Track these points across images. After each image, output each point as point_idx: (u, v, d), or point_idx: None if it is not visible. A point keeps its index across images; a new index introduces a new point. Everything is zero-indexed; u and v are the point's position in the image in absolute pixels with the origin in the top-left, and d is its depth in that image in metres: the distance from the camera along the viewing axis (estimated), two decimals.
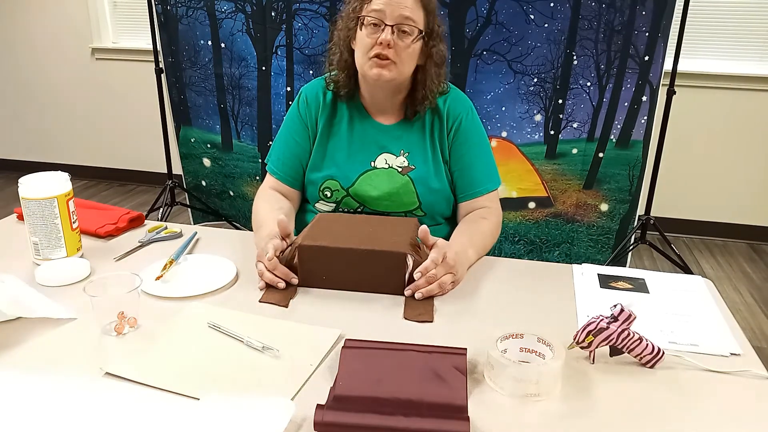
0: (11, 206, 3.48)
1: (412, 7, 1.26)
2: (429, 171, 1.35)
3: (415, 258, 1.08)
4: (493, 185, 1.39)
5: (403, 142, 1.37)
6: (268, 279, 1.11)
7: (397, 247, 1.09)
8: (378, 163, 1.36)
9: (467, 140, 1.37)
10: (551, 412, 0.79)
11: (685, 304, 1.08)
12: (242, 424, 0.72)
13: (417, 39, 1.27)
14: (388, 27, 1.24)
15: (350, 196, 1.36)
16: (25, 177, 1.17)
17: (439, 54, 1.32)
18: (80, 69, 3.90)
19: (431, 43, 1.31)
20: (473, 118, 1.39)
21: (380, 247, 1.08)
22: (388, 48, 1.24)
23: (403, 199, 1.35)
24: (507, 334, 0.89)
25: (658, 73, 2.32)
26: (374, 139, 1.37)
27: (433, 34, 1.30)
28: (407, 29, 1.25)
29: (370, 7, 1.26)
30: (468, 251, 1.21)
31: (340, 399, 0.76)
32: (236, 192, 2.98)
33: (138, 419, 0.75)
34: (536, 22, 2.31)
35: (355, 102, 1.39)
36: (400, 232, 1.16)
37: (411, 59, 1.29)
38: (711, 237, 3.36)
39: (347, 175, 1.36)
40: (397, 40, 1.25)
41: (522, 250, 2.65)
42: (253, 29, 2.61)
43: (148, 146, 3.87)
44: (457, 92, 1.41)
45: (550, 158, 2.50)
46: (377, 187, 1.34)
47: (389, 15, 1.25)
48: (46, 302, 1.03)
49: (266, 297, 1.08)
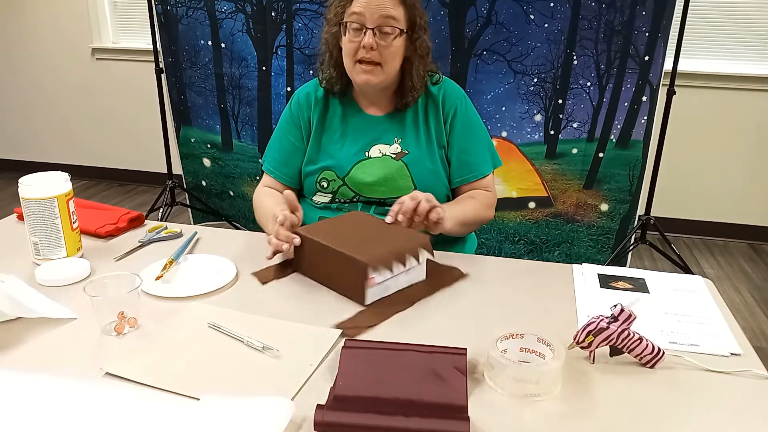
0: (11, 206, 3.48)
1: (392, 5, 1.28)
2: (422, 153, 1.38)
3: (384, 272, 1.06)
4: (488, 169, 1.43)
5: (396, 129, 1.40)
6: (274, 244, 1.14)
7: (363, 256, 1.04)
8: (372, 153, 1.39)
9: (463, 126, 1.41)
10: (551, 412, 0.79)
11: (685, 304, 1.08)
12: (242, 424, 0.72)
13: (399, 36, 1.30)
14: (369, 30, 1.27)
15: (346, 185, 1.38)
16: (25, 177, 1.17)
17: (423, 45, 1.35)
18: (80, 69, 3.90)
19: (414, 36, 1.33)
20: (468, 104, 1.43)
21: (347, 251, 1.06)
22: (371, 51, 1.28)
23: (398, 184, 1.37)
24: (507, 334, 0.89)
25: (658, 73, 2.32)
26: (367, 131, 1.40)
27: (416, 27, 1.32)
28: (388, 29, 1.28)
29: (350, 11, 1.29)
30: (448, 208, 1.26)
31: (340, 399, 0.76)
32: (236, 192, 2.98)
33: (138, 419, 0.75)
34: (536, 22, 2.31)
35: (348, 97, 1.43)
36: (397, 243, 1.10)
37: (395, 57, 1.32)
38: (711, 237, 3.36)
39: (342, 165, 1.38)
40: (380, 41, 1.28)
41: (522, 250, 2.65)
42: (253, 29, 2.61)
43: (148, 146, 3.87)
44: (450, 82, 1.45)
45: (550, 158, 2.50)
46: (372, 173, 1.37)
47: (369, 18, 1.27)
48: (46, 302, 1.03)
49: (262, 274, 1.15)
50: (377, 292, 1.07)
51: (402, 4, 1.30)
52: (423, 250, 1.12)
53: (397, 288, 1.10)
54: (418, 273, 1.14)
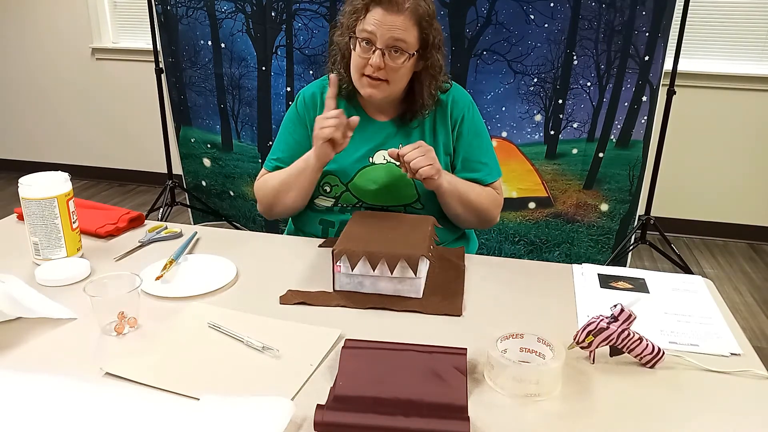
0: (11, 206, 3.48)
1: (405, 27, 1.24)
2: None
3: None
4: (493, 177, 1.42)
5: (401, 136, 1.38)
6: (326, 134, 1.21)
7: (340, 245, 1.08)
8: (376, 159, 1.37)
9: (470, 133, 1.40)
10: (551, 412, 0.79)
11: (685, 304, 1.08)
12: (242, 424, 0.72)
13: (409, 58, 1.27)
14: (379, 50, 1.25)
15: (349, 191, 1.37)
16: (25, 177, 1.17)
17: (435, 64, 1.32)
18: (80, 69, 3.90)
19: (426, 54, 1.30)
20: (475, 111, 1.42)
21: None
22: (379, 70, 1.26)
23: (402, 192, 1.36)
24: (507, 334, 0.89)
25: (658, 73, 2.33)
26: (372, 136, 1.38)
27: (428, 46, 1.30)
28: (398, 52, 1.26)
29: (362, 26, 1.26)
30: None
31: (340, 399, 0.76)
32: (236, 192, 2.98)
33: (138, 419, 0.75)
34: (536, 22, 2.31)
35: (354, 100, 1.40)
36: (397, 247, 1.08)
37: (403, 77, 1.31)
38: (711, 237, 3.36)
39: (346, 170, 1.37)
40: (389, 61, 1.26)
41: (522, 251, 2.65)
42: (253, 29, 2.61)
43: (148, 146, 3.87)
44: (459, 88, 1.43)
45: (550, 158, 2.50)
46: (375, 181, 1.36)
47: (380, 38, 1.24)
48: (46, 302, 1.03)
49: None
50: (346, 282, 1.08)
51: (416, 25, 1.26)
52: (419, 266, 1.05)
53: (377, 291, 1.08)
54: (409, 287, 1.07)
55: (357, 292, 1.08)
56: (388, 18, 1.23)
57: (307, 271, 1.19)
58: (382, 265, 1.05)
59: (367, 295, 1.08)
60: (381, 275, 1.06)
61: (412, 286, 1.07)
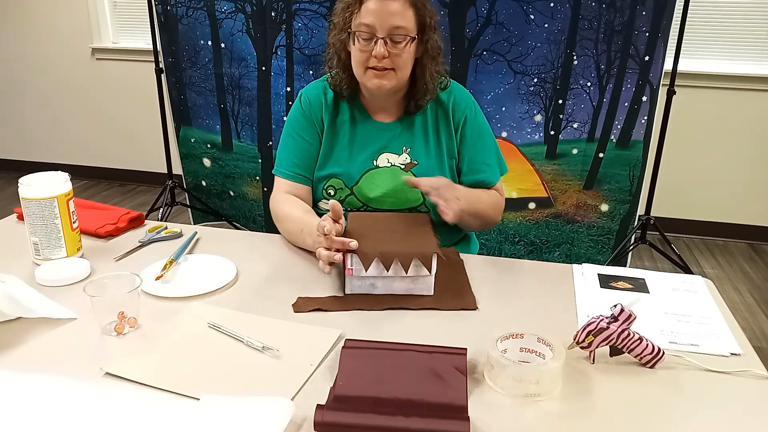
0: (11, 206, 3.48)
1: (401, 12, 1.24)
2: (432, 164, 1.36)
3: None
4: (496, 178, 1.42)
5: (405, 138, 1.38)
6: (325, 256, 1.07)
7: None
8: (380, 162, 1.36)
9: (473, 135, 1.39)
10: (551, 412, 0.79)
11: (685, 304, 1.08)
12: (242, 424, 0.72)
13: (410, 43, 1.27)
14: (381, 40, 1.24)
15: (354, 194, 1.36)
16: (25, 177, 1.17)
17: (434, 46, 1.32)
18: (80, 69, 3.90)
19: (425, 37, 1.31)
20: (477, 110, 1.41)
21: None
22: (383, 59, 1.25)
23: (407, 196, 1.35)
24: (507, 334, 0.89)
25: (658, 73, 2.32)
26: (375, 138, 1.37)
27: (426, 28, 1.30)
28: (399, 38, 1.25)
29: (359, 20, 1.26)
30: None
31: (340, 399, 0.76)
32: (236, 192, 2.98)
33: (138, 419, 0.75)
34: (536, 22, 2.31)
35: (356, 101, 1.40)
36: (407, 247, 1.08)
37: (408, 62, 1.30)
38: (711, 237, 3.36)
39: (350, 174, 1.36)
40: (391, 48, 1.25)
41: (522, 251, 2.65)
42: (253, 29, 2.61)
43: (148, 146, 3.87)
44: (459, 87, 1.42)
45: (550, 158, 2.50)
46: (380, 185, 1.35)
47: (380, 27, 1.24)
48: (46, 302, 1.03)
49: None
50: (358, 285, 1.07)
51: (412, 7, 1.26)
52: (432, 263, 1.05)
53: (389, 291, 1.08)
54: (422, 285, 1.08)
55: (369, 294, 1.08)
56: (384, 6, 1.23)
57: (308, 271, 1.19)
58: (396, 265, 1.05)
59: (381, 297, 1.07)
60: (395, 275, 1.06)
61: (425, 284, 1.08)
